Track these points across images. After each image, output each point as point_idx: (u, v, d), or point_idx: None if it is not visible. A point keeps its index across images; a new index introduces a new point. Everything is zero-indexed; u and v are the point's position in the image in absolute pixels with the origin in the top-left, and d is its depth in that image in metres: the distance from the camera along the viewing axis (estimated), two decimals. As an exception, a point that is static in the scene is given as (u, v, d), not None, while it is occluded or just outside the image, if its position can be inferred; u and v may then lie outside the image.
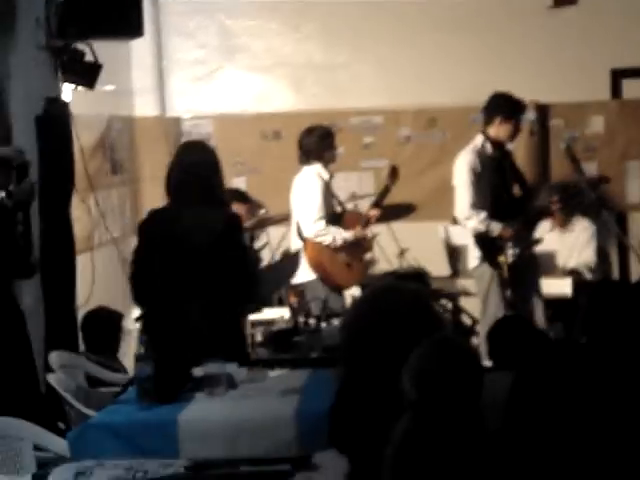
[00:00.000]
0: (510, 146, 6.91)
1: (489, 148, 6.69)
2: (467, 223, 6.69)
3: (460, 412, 2.43)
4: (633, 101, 8.50)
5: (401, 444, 2.43)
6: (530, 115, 7.58)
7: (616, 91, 8.56)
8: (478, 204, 6.59)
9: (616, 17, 8.37)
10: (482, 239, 6.64)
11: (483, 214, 6.58)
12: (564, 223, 7.91)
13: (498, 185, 6.67)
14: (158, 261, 4.86)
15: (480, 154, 6.68)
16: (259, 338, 6.06)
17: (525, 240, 6.75)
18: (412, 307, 2.80)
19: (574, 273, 7.65)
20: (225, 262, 4.81)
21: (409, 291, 2.89)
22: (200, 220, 4.85)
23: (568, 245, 7.90)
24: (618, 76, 8.53)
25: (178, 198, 4.95)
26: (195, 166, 4.97)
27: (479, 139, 6.75)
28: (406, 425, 2.47)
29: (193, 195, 4.89)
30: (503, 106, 6.59)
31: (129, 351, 6.96)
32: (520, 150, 7.12)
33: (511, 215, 6.68)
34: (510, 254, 6.61)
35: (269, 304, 6.67)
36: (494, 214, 6.63)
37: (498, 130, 6.65)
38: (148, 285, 4.88)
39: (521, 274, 6.72)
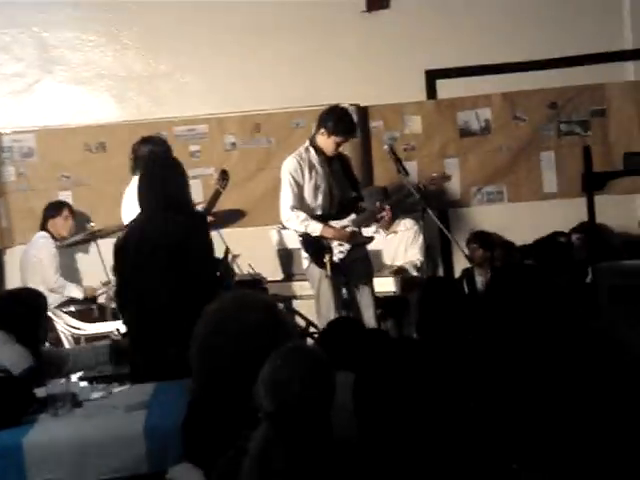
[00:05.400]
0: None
1: (313, 153, 6.79)
2: (288, 224, 6.80)
3: (316, 418, 2.50)
4: (447, 100, 8.79)
5: (259, 454, 2.48)
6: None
7: (431, 91, 8.83)
8: (298, 206, 6.69)
9: (428, 20, 8.64)
10: (307, 240, 6.75)
11: (303, 215, 6.68)
12: (388, 224, 8.11)
13: (322, 188, 6.77)
14: (131, 268, 5.04)
15: (302, 159, 6.77)
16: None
17: (355, 239, 6.87)
18: (262, 318, 2.86)
19: (401, 271, 7.86)
20: (196, 256, 4.99)
21: (258, 301, 2.95)
22: (167, 222, 5.08)
23: (394, 245, 8.11)
24: (432, 77, 8.80)
25: (147, 208, 5.21)
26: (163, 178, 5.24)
27: (305, 144, 6.86)
28: (263, 435, 2.52)
29: (161, 204, 5.14)
30: (331, 122, 6.70)
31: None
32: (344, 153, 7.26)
33: (341, 216, 6.81)
34: (337, 253, 6.73)
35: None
36: (324, 216, 6.75)
37: (321, 140, 6.77)
38: (127, 298, 5.00)
39: (354, 273, 6.87)
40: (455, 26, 8.63)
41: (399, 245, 8.13)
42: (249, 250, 7.56)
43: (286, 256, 7.61)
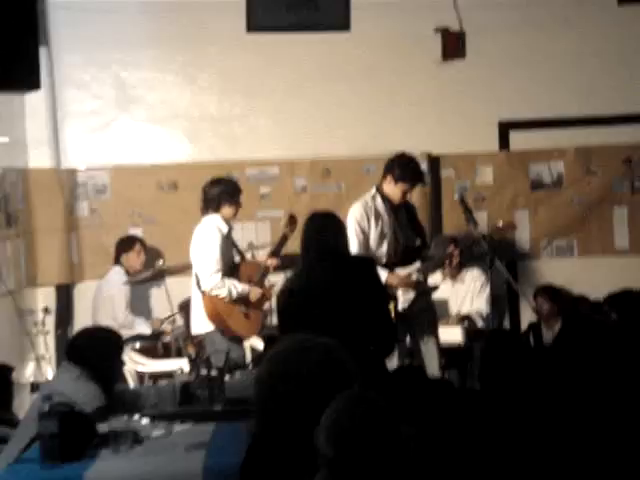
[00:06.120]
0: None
1: (379, 201, 6.77)
2: None
3: (377, 467, 2.46)
4: (520, 152, 8.76)
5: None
6: (422, 166, 7.71)
7: (504, 142, 8.80)
8: (363, 253, 6.66)
9: (503, 71, 8.65)
10: None
11: None
12: (455, 273, 8.10)
13: (387, 236, 6.75)
14: (300, 318, 5.18)
15: (368, 206, 6.75)
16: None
17: (421, 288, 6.83)
18: (325, 363, 2.84)
19: (466, 320, 7.80)
20: (370, 302, 5.18)
21: (319, 344, 2.93)
22: (332, 268, 5.34)
23: (460, 294, 8.08)
24: (505, 128, 8.77)
25: (308, 258, 5.50)
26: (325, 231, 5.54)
27: (372, 192, 6.84)
28: (322, 482, 2.49)
29: (323, 255, 5.40)
30: (397, 169, 6.67)
31: (23, 404, 6.86)
32: (413, 201, 7.25)
33: (406, 264, 6.78)
34: (402, 301, 6.69)
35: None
36: (388, 263, 6.72)
37: (389, 188, 6.75)
38: None
39: (418, 323, 6.81)
40: (530, 78, 8.62)
41: (466, 295, 8.09)
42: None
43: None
